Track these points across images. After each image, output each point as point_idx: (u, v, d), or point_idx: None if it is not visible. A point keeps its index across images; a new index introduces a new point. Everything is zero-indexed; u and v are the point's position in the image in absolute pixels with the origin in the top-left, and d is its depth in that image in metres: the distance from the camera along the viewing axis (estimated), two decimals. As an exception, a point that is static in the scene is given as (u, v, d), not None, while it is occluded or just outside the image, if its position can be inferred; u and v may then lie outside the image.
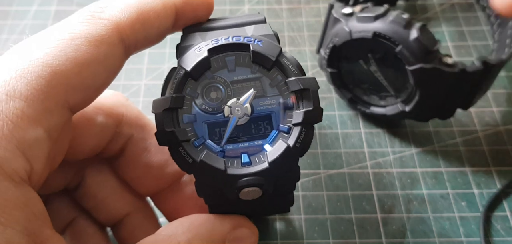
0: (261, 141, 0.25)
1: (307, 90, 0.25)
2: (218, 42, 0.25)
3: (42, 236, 0.21)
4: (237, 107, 0.25)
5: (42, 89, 0.21)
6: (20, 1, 0.50)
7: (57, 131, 0.22)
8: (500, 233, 0.33)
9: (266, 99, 0.25)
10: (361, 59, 0.37)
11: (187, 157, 0.24)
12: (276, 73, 0.26)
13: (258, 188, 0.24)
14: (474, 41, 0.45)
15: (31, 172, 0.21)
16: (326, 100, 0.41)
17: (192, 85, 0.25)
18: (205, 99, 0.25)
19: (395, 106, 0.37)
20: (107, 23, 0.24)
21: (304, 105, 0.25)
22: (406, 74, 0.34)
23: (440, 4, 0.49)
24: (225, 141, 0.25)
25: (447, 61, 0.33)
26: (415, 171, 0.37)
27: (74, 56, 0.22)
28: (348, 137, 0.39)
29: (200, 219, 0.27)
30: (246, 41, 0.25)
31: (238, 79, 0.26)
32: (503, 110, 0.40)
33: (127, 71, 0.44)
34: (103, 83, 0.24)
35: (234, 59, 0.26)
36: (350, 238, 0.33)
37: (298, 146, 0.24)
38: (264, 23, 0.27)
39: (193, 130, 0.25)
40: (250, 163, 0.25)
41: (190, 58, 0.25)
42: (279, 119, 0.25)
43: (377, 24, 0.34)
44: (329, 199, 0.35)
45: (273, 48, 0.25)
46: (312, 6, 0.49)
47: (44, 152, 0.22)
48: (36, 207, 0.21)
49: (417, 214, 0.34)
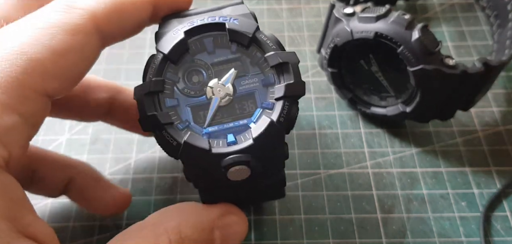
0: (246, 121, 0.25)
1: (286, 63, 0.25)
2: (194, 24, 0.25)
3: (23, 221, 0.21)
4: (218, 87, 0.25)
5: (18, 76, 0.21)
6: (20, 0, 0.50)
7: (34, 117, 0.22)
8: (500, 233, 0.33)
9: (248, 78, 0.26)
10: (362, 59, 0.37)
11: (171, 140, 0.24)
12: (255, 51, 0.26)
13: (245, 166, 0.24)
14: (474, 41, 0.45)
15: (9, 159, 0.21)
16: (326, 100, 0.41)
17: (173, 69, 0.25)
18: (187, 83, 0.25)
19: (396, 106, 0.37)
20: (83, 13, 0.24)
21: (284, 79, 0.25)
22: (407, 75, 0.34)
23: (440, 4, 0.49)
24: (209, 122, 0.25)
25: (449, 62, 0.33)
26: (415, 171, 0.37)
27: (49, 44, 0.22)
28: (348, 137, 0.39)
29: (187, 206, 0.27)
30: (222, 20, 0.25)
31: (218, 60, 0.26)
32: (503, 110, 0.40)
33: (127, 71, 0.44)
34: (79, 72, 0.24)
35: (212, 41, 0.26)
36: (350, 238, 0.33)
37: (282, 120, 0.24)
38: (241, 4, 0.27)
39: (176, 114, 0.25)
40: (236, 142, 0.25)
41: (167, 42, 0.25)
42: (262, 97, 0.25)
43: (379, 24, 0.34)
44: (329, 199, 0.35)
45: (249, 25, 0.25)
46: (312, 6, 0.49)
47: (21, 138, 0.22)
48: (16, 192, 0.21)
49: (417, 214, 0.34)
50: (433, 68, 0.33)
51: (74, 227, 0.34)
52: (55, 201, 0.35)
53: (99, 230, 0.34)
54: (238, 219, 0.27)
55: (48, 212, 0.35)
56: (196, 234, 0.25)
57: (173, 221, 0.25)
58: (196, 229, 0.25)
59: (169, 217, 0.25)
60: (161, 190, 0.36)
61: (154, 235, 0.24)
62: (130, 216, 0.34)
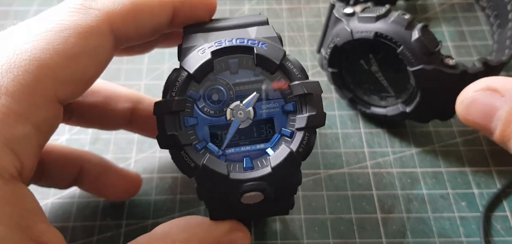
0: (263, 145, 0.25)
1: (310, 94, 0.25)
2: (222, 44, 0.25)
3: (36, 230, 0.21)
4: (239, 110, 0.25)
5: (29, 84, 0.21)
6: (20, 1, 0.50)
7: (47, 125, 0.22)
8: (500, 233, 0.33)
9: (268, 102, 0.25)
10: (362, 59, 0.37)
11: (189, 161, 0.24)
12: (279, 76, 0.25)
13: (260, 192, 0.24)
14: (474, 41, 0.45)
15: (21, 168, 0.21)
16: (326, 100, 0.41)
17: (194, 87, 0.25)
18: (207, 101, 0.25)
19: (396, 106, 0.37)
20: (98, 13, 0.23)
21: (307, 109, 0.25)
22: (407, 75, 0.34)
23: (440, 4, 0.49)
24: (227, 145, 0.25)
25: (449, 62, 0.33)
26: (415, 171, 0.37)
27: (62, 48, 0.22)
28: (348, 137, 0.39)
29: (196, 220, 0.27)
30: (250, 44, 0.25)
31: (240, 81, 0.25)
32: (503, 110, 0.40)
33: (127, 71, 0.44)
34: (92, 75, 0.24)
35: (237, 62, 0.25)
36: (350, 238, 0.33)
37: (301, 150, 0.24)
38: (267, 25, 0.27)
39: (194, 133, 0.25)
40: (253, 167, 0.24)
41: (193, 60, 0.25)
42: (281, 122, 0.25)
43: (379, 24, 0.34)
44: (329, 199, 0.35)
45: (277, 51, 0.25)
46: (312, 6, 0.49)
47: (33, 147, 0.22)
48: (28, 202, 0.21)
49: (417, 214, 0.34)
50: (433, 68, 0.33)
51: (74, 227, 0.34)
52: (55, 201, 0.35)
53: (99, 230, 0.34)
54: (243, 235, 0.27)
55: (48, 212, 0.35)
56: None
57: (181, 235, 0.25)
58: (203, 243, 0.26)
59: (177, 230, 0.26)
60: (161, 190, 0.36)
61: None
62: (130, 216, 0.34)
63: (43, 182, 0.32)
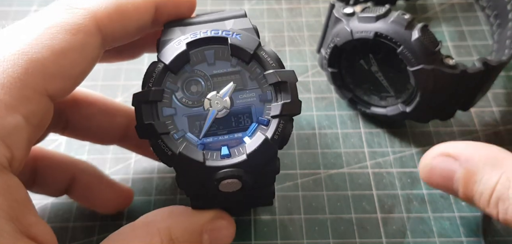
0: (241, 134, 0.25)
1: (284, 82, 0.25)
2: (197, 36, 0.26)
3: (26, 222, 0.21)
4: (216, 100, 0.26)
5: (19, 77, 0.21)
6: (20, 1, 0.50)
7: (37, 118, 0.22)
8: (500, 233, 0.33)
9: (245, 92, 0.26)
10: (362, 59, 0.37)
11: (166, 150, 0.24)
12: (255, 66, 0.26)
13: (237, 180, 0.24)
14: (474, 41, 0.45)
15: (12, 159, 0.21)
16: (326, 100, 0.41)
17: (172, 78, 0.26)
18: (185, 92, 0.26)
19: (396, 106, 0.37)
20: (84, 12, 0.24)
21: (282, 97, 0.25)
22: (407, 75, 0.34)
23: (440, 4, 0.49)
24: (204, 134, 0.25)
25: (449, 62, 0.33)
26: (415, 171, 0.37)
27: (50, 44, 0.22)
28: (348, 137, 0.39)
29: (179, 209, 0.27)
30: (224, 34, 0.26)
31: (218, 72, 0.26)
32: (503, 110, 0.40)
33: (127, 71, 0.44)
34: (81, 72, 0.25)
35: (213, 53, 0.26)
36: (350, 238, 0.33)
37: (276, 138, 0.25)
38: (244, 17, 0.27)
39: (173, 123, 0.25)
40: (230, 155, 0.25)
41: (169, 52, 0.26)
42: (258, 112, 0.26)
43: (379, 24, 0.34)
44: (329, 199, 0.35)
45: (251, 41, 0.26)
46: (312, 6, 0.49)
47: (24, 139, 0.22)
48: (19, 193, 0.22)
49: (417, 214, 0.34)
50: (433, 68, 0.33)
51: (74, 227, 0.34)
52: (55, 201, 0.35)
53: (99, 230, 0.34)
54: (226, 223, 0.28)
55: (48, 212, 0.35)
56: (186, 236, 0.26)
57: (164, 223, 0.25)
58: (186, 231, 0.26)
59: (161, 218, 0.26)
60: (161, 190, 0.36)
61: (147, 235, 0.25)
62: (130, 216, 0.34)
63: (35, 189, 0.32)
